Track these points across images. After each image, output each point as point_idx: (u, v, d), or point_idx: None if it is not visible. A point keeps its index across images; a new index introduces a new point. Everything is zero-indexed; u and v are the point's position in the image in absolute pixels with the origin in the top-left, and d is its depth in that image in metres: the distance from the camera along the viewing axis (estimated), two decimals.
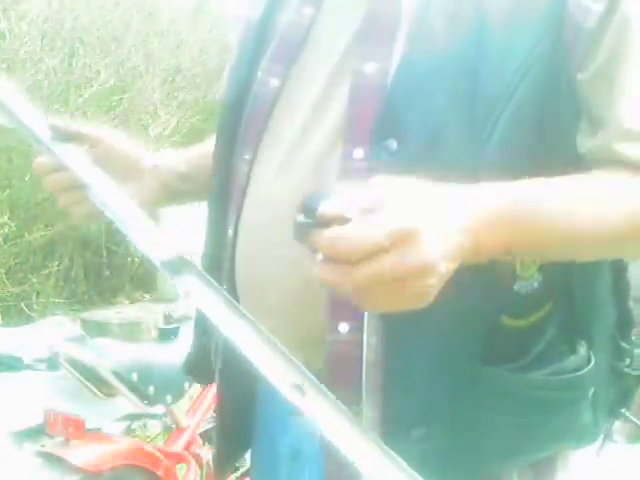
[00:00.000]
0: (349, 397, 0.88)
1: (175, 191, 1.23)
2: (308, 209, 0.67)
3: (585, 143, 0.88)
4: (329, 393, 0.68)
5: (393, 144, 0.86)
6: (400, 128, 0.86)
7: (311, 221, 0.65)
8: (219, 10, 5.54)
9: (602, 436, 1.05)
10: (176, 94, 5.25)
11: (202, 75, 5.38)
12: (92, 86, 4.58)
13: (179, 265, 0.71)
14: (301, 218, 0.67)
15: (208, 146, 1.17)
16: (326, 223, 0.65)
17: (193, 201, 1.29)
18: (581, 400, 0.95)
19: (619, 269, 1.02)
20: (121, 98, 4.85)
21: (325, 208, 0.66)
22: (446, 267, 0.70)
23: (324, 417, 0.68)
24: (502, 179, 0.83)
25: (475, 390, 0.89)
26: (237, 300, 1.01)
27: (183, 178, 1.22)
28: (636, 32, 0.85)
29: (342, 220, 0.65)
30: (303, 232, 0.67)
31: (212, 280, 0.71)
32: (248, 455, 1.17)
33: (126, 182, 1.15)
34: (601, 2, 0.84)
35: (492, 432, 0.90)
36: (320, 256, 0.66)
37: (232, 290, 1.02)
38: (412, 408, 0.88)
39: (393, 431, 0.88)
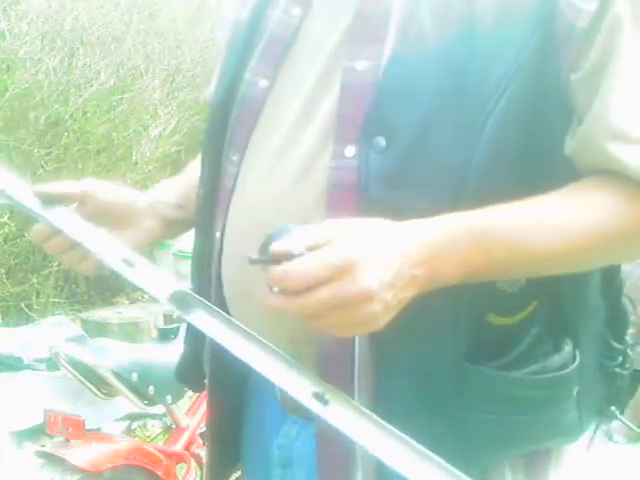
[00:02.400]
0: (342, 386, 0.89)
1: (176, 222, 1.22)
2: (263, 247, 0.77)
3: (573, 143, 0.87)
4: (351, 400, 0.77)
5: (382, 141, 0.86)
6: (389, 125, 0.86)
7: (264, 258, 0.76)
8: (219, 10, 5.53)
9: (592, 433, 1.05)
10: (176, 94, 5.25)
11: (202, 75, 5.37)
12: (92, 86, 4.58)
13: (183, 300, 0.79)
14: (255, 256, 0.77)
15: (193, 174, 1.17)
16: (277, 260, 0.74)
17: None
18: (565, 399, 0.95)
19: (612, 267, 1.02)
20: (121, 98, 4.84)
21: (275, 247, 0.75)
22: (393, 295, 0.76)
23: (351, 424, 0.75)
24: (491, 177, 0.84)
25: (459, 387, 0.89)
26: (224, 302, 1.01)
27: (180, 208, 1.21)
28: (628, 31, 0.84)
29: (290, 257, 0.74)
30: (259, 268, 0.77)
31: (213, 307, 0.79)
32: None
33: (126, 228, 1.15)
34: (592, 1, 0.83)
35: (474, 429, 0.90)
36: (273, 288, 0.76)
37: (219, 292, 1.02)
38: (399, 404, 0.88)
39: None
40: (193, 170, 1.21)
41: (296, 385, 0.77)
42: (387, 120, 0.87)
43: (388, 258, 0.76)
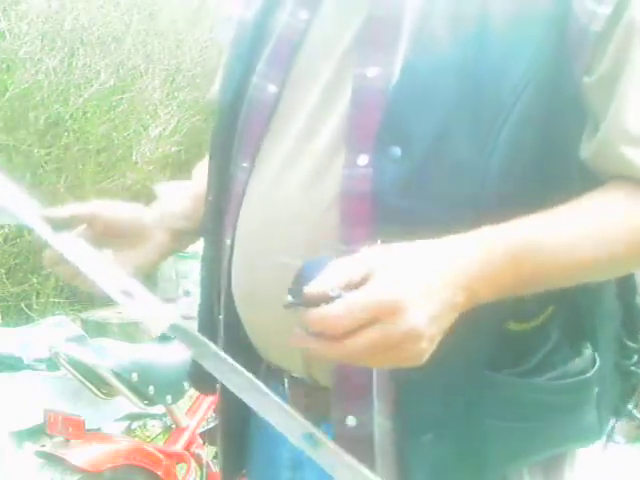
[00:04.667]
0: (361, 405, 0.89)
1: (185, 233, 1.21)
2: (295, 290, 0.71)
3: (589, 147, 0.87)
4: (338, 447, 0.72)
5: (397, 151, 0.85)
6: (404, 135, 0.86)
7: (299, 301, 0.70)
8: (219, 10, 5.53)
9: (607, 434, 1.05)
10: (176, 94, 5.24)
11: (202, 75, 5.37)
12: (92, 86, 4.58)
13: (180, 333, 0.75)
14: (290, 300, 0.72)
15: (198, 182, 1.17)
16: (313, 303, 0.69)
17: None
18: (586, 401, 0.95)
19: None
20: (121, 98, 4.84)
21: (310, 290, 0.70)
22: (438, 327, 0.74)
23: (337, 467, 0.72)
24: (508, 184, 0.83)
25: (480, 396, 0.88)
26: (233, 308, 1.01)
27: (187, 219, 1.20)
28: None
29: (327, 299, 0.69)
30: (293, 311, 0.72)
31: (203, 338, 0.74)
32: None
33: (136, 245, 1.14)
34: (607, 5, 0.83)
35: (496, 437, 0.90)
36: (310, 331, 0.71)
37: (230, 300, 1.02)
38: (421, 415, 0.88)
39: (403, 437, 0.88)
40: (198, 177, 1.20)
41: (289, 427, 0.74)
42: (402, 129, 0.86)
43: (432, 291, 0.73)
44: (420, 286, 0.73)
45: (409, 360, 0.74)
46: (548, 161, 0.86)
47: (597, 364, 0.95)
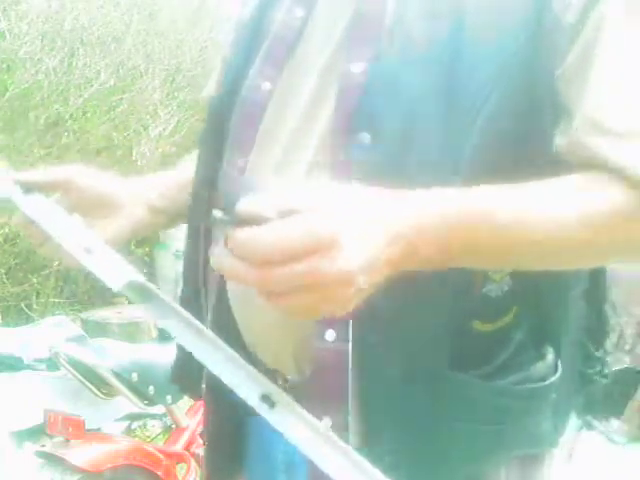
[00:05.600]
0: (333, 403, 0.89)
1: (163, 211, 1.20)
2: (228, 205, 0.64)
3: (561, 139, 0.86)
4: (297, 405, 0.69)
5: (366, 137, 0.85)
6: (373, 122, 0.86)
7: (228, 218, 0.63)
8: (219, 10, 5.53)
9: (571, 439, 1.04)
10: (176, 94, 5.25)
11: (202, 75, 5.37)
12: (92, 86, 4.58)
13: (138, 290, 0.71)
14: (219, 214, 0.64)
15: (183, 172, 1.16)
16: (243, 221, 0.62)
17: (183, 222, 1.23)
18: (543, 408, 0.94)
19: (598, 274, 1.01)
20: (121, 98, 4.84)
21: (243, 206, 0.64)
22: (370, 276, 0.68)
23: (294, 428, 0.69)
24: (480, 177, 0.81)
25: (440, 395, 0.88)
26: (229, 309, 1.00)
27: (164, 197, 1.19)
28: (610, 27, 0.83)
29: (259, 220, 0.62)
30: (220, 228, 0.64)
31: (168, 299, 0.71)
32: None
33: (112, 216, 1.13)
34: None
35: (453, 437, 0.89)
36: (235, 252, 0.64)
37: (222, 298, 1.01)
38: (381, 412, 0.88)
39: (364, 434, 0.88)
40: (184, 168, 1.20)
41: (245, 386, 0.70)
42: (372, 116, 0.86)
43: (370, 235, 0.68)
44: (359, 228, 0.67)
45: (334, 307, 0.68)
46: (523, 153, 0.86)
47: (558, 371, 0.94)
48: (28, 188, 0.95)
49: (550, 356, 0.94)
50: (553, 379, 0.93)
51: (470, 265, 0.81)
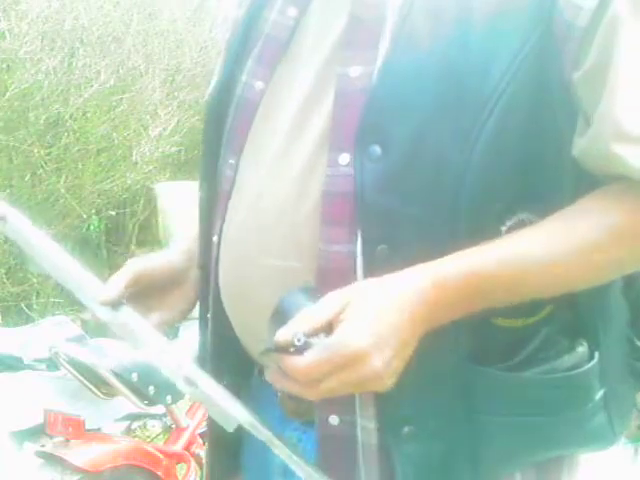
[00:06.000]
0: (343, 403, 0.88)
1: None
2: (272, 324, 0.83)
3: (580, 143, 0.86)
4: (218, 385, 0.87)
5: (377, 150, 0.85)
6: (384, 134, 0.85)
7: (271, 347, 0.80)
8: (219, 10, 5.53)
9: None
10: (176, 94, 5.24)
11: (202, 75, 5.37)
12: (92, 86, 4.58)
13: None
14: (264, 348, 0.82)
15: None
16: (283, 350, 0.79)
17: None
18: (585, 401, 0.93)
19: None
20: (121, 98, 4.84)
21: (278, 339, 0.78)
22: (398, 363, 0.80)
23: (215, 403, 0.86)
24: (490, 183, 0.83)
25: (466, 390, 0.88)
26: (221, 306, 1.01)
27: None
28: (628, 27, 0.83)
29: (294, 347, 0.78)
30: (269, 358, 0.83)
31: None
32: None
33: (174, 291, 1.09)
34: None
35: (485, 432, 0.89)
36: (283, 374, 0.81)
37: (217, 297, 1.01)
38: (403, 406, 0.88)
39: (385, 429, 0.88)
40: None
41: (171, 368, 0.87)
42: (382, 128, 0.85)
43: (393, 332, 0.79)
44: (381, 329, 0.79)
45: (374, 389, 0.83)
46: (534, 159, 0.86)
47: (593, 361, 0.93)
48: (115, 305, 0.95)
49: (581, 348, 0.93)
50: (584, 368, 0.92)
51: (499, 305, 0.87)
